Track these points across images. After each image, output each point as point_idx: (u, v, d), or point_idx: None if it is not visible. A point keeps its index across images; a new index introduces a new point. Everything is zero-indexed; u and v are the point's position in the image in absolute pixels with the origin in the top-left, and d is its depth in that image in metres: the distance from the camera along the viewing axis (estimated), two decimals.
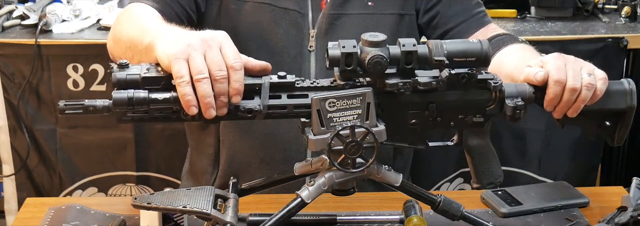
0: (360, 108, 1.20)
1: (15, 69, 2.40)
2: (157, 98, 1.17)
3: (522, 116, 1.26)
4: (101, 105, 1.17)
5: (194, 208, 1.23)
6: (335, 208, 1.46)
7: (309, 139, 1.20)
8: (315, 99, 1.19)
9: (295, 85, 1.22)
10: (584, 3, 2.62)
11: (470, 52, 1.22)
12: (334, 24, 1.61)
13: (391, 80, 1.22)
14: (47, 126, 2.47)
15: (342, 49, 1.19)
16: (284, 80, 1.22)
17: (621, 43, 2.40)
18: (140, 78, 1.18)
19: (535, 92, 1.29)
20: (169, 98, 1.17)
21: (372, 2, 1.62)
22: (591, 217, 1.45)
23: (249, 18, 1.59)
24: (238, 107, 1.19)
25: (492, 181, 1.34)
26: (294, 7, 1.60)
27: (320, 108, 1.19)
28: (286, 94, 1.22)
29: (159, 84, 1.18)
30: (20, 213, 1.52)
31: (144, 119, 1.20)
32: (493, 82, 1.26)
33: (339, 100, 1.19)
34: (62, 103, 1.17)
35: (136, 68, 1.19)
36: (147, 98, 1.17)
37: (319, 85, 1.23)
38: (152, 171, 2.54)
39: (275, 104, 1.21)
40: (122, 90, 1.17)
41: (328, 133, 1.19)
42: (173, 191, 1.28)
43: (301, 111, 1.22)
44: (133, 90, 1.17)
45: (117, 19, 1.53)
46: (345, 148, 1.18)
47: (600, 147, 2.59)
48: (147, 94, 1.17)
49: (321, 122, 1.20)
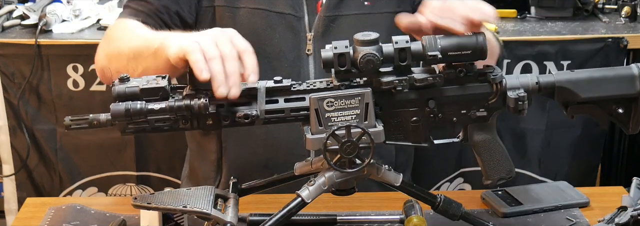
0: (359, 108, 1.20)
1: (15, 69, 2.40)
2: (154, 108, 1.18)
3: (525, 108, 1.24)
4: (105, 118, 1.19)
5: (194, 208, 1.23)
6: (335, 208, 1.46)
7: (307, 138, 1.21)
8: (313, 98, 1.19)
9: (291, 89, 1.22)
10: (584, 3, 2.62)
11: (465, 46, 1.21)
12: (331, 26, 1.60)
13: (387, 78, 1.22)
14: (47, 126, 2.47)
15: (334, 50, 1.19)
16: (280, 85, 1.22)
17: (621, 43, 2.40)
18: (139, 90, 1.18)
19: (538, 83, 1.26)
20: (165, 108, 1.18)
21: (369, 2, 1.61)
22: (591, 217, 1.45)
23: (244, 24, 1.58)
24: (235, 113, 1.20)
25: (502, 177, 1.31)
26: (289, 11, 1.59)
27: (318, 108, 1.19)
28: (283, 98, 1.22)
29: (157, 95, 1.19)
30: (21, 213, 1.52)
31: (146, 130, 1.21)
32: (492, 75, 1.25)
33: (337, 100, 1.19)
34: (68, 119, 1.20)
35: (136, 82, 1.20)
36: (144, 109, 1.17)
37: (316, 87, 1.23)
38: (152, 171, 2.54)
39: (273, 109, 1.21)
40: (120, 102, 1.18)
41: (325, 132, 1.19)
42: (173, 191, 1.28)
43: (299, 114, 1.22)
44: (131, 101, 1.18)
45: (108, 36, 1.53)
46: (340, 148, 1.19)
47: (600, 147, 2.59)
48: (144, 105, 1.17)
49: (319, 122, 1.20)
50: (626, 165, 2.70)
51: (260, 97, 1.20)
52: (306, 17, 1.60)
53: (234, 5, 1.58)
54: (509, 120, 2.47)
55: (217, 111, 1.20)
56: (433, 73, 1.24)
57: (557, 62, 2.41)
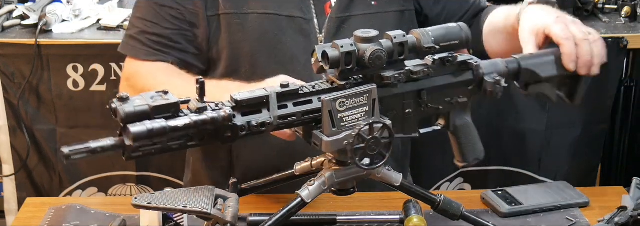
0: (367, 105, 1.20)
1: (15, 69, 2.40)
2: (178, 125, 1.09)
3: (501, 91, 1.30)
4: (109, 144, 1.08)
5: (194, 208, 1.23)
6: (335, 208, 1.46)
7: (323, 141, 1.18)
8: (326, 100, 1.17)
9: (299, 93, 1.20)
10: (584, 3, 2.61)
11: (452, 36, 1.26)
12: (342, 27, 1.59)
13: (387, 73, 1.22)
14: (47, 126, 2.47)
15: (341, 48, 1.19)
16: (288, 89, 1.19)
17: (621, 43, 2.40)
18: (150, 108, 1.08)
19: (507, 67, 1.33)
20: (190, 124, 1.09)
21: (375, 2, 1.61)
22: (591, 217, 1.45)
23: (254, 30, 1.57)
24: (250, 122, 1.16)
25: (477, 157, 1.38)
26: (298, 14, 1.58)
27: (331, 109, 1.18)
28: (291, 102, 1.20)
29: (169, 112, 1.10)
30: (20, 213, 1.52)
31: (154, 152, 1.11)
32: (474, 62, 1.30)
33: (348, 99, 1.19)
34: (66, 150, 1.05)
35: (139, 99, 1.09)
36: (168, 128, 1.08)
37: (322, 88, 1.22)
38: (152, 171, 2.54)
39: (285, 114, 1.19)
40: (137, 122, 1.07)
41: (341, 133, 1.18)
42: (173, 191, 1.28)
43: (309, 117, 1.20)
44: (148, 121, 1.07)
45: (142, 89, 1.48)
46: (366, 145, 1.18)
47: (600, 147, 2.59)
48: (165, 123, 1.08)
49: (333, 123, 1.18)
50: (626, 165, 2.70)
51: (272, 103, 1.17)
52: (315, 19, 1.59)
53: (242, 12, 1.57)
54: (509, 120, 2.47)
55: (234, 122, 1.15)
56: (423, 65, 1.27)
57: None
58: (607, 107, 2.51)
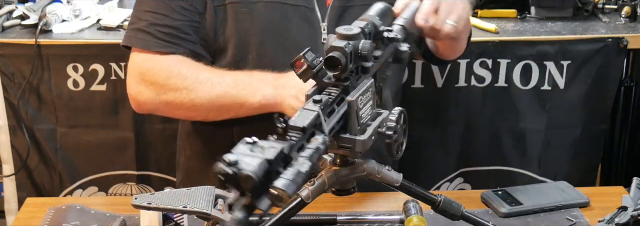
0: (372, 97, 1.20)
1: (15, 69, 2.40)
2: (307, 170, 0.96)
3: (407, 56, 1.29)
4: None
5: (194, 208, 1.23)
6: (335, 208, 1.46)
7: (358, 141, 1.13)
8: (352, 100, 1.14)
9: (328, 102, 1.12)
10: (584, 3, 2.61)
11: (389, 13, 1.33)
12: (343, 16, 1.62)
13: (367, 63, 1.19)
14: (47, 126, 2.47)
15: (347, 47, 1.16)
16: (319, 102, 1.09)
17: (621, 43, 2.40)
18: (267, 161, 0.95)
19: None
20: (314, 167, 0.98)
21: None
22: (591, 217, 1.45)
23: (262, 18, 1.59)
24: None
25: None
26: (302, 3, 1.61)
27: (356, 108, 1.15)
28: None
29: (284, 161, 0.97)
30: (21, 213, 1.52)
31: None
32: (395, 35, 1.27)
33: (363, 95, 1.17)
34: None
35: (247, 157, 0.98)
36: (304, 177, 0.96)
37: (336, 93, 1.15)
38: (153, 170, 2.54)
39: (331, 126, 1.11)
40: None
41: (367, 129, 1.16)
42: (173, 191, 1.28)
43: (338, 125, 1.13)
44: (288, 180, 0.94)
45: (158, 82, 1.53)
46: (397, 135, 1.17)
47: (600, 147, 2.59)
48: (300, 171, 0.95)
49: (358, 122, 1.15)
50: (626, 165, 2.70)
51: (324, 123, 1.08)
52: (317, 7, 1.62)
53: (249, 0, 1.59)
54: (509, 119, 2.47)
55: None
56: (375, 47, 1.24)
57: (557, 62, 2.41)
58: (607, 107, 2.51)
